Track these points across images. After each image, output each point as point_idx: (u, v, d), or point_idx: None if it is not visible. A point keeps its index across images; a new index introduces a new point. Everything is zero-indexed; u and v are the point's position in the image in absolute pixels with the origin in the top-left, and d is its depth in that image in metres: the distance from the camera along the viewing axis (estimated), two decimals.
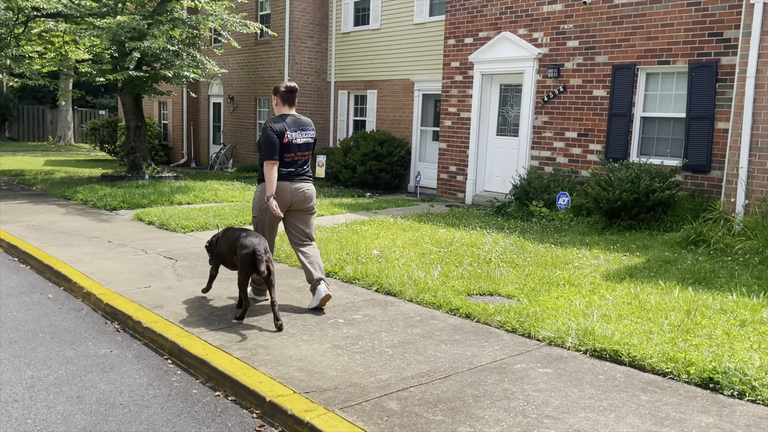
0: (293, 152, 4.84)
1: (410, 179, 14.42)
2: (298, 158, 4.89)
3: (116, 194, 11.39)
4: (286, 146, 4.78)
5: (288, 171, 4.83)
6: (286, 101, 4.92)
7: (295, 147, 4.84)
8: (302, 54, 16.25)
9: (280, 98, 4.92)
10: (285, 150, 4.78)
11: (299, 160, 4.89)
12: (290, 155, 4.83)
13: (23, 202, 11.18)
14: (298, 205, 4.93)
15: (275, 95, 4.95)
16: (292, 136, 4.81)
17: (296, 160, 4.88)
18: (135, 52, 12.69)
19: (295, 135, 4.83)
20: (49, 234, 8.19)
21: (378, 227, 8.44)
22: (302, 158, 4.92)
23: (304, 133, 4.92)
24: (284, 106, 4.92)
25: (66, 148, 28.14)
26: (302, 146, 4.89)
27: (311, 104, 16.53)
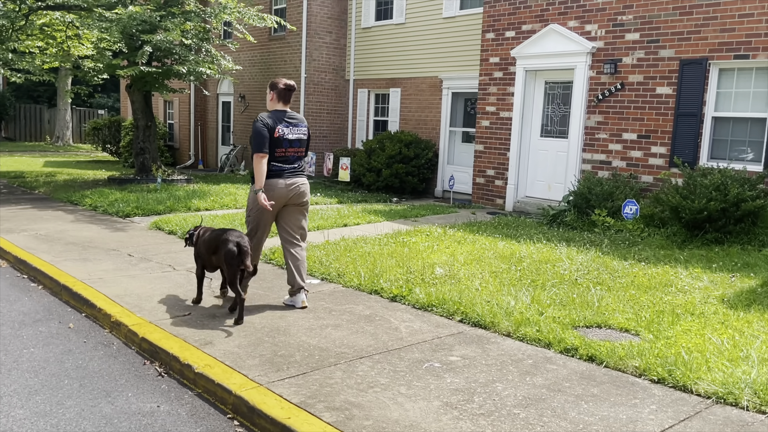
0: (284, 147, 4.81)
1: (437, 183, 13.57)
2: (291, 154, 4.87)
3: (128, 199, 10.48)
4: (277, 141, 4.77)
5: (280, 167, 4.82)
6: (282, 98, 4.90)
7: (286, 142, 4.81)
8: (320, 50, 15.38)
9: (276, 94, 4.89)
10: (276, 145, 4.78)
11: (291, 156, 4.88)
12: (281, 150, 4.81)
13: (27, 208, 10.27)
14: (294, 200, 4.92)
15: (272, 90, 4.91)
16: (283, 131, 4.79)
17: (288, 156, 4.86)
18: (146, 46, 11.80)
19: (286, 130, 4.81)
20: (60, 246, 7.30)
21: (427, 239, 7.58)
22: (294, 155, 4.90)
23: (296, 129, 4.89)
24: (279, 102, 4.90)
25: (65, 149, 27.17)
26: (294, 142, 4.87)
27: (328, 103, 15.67)
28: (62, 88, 29.12)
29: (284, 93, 4.90)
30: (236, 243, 4.54)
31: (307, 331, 4.39)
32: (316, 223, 8.65)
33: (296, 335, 4.30)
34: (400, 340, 4.21)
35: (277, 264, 6.45)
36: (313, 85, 15.36)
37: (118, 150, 20.13)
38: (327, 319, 4.67)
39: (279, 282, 5.79)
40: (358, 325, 4.54)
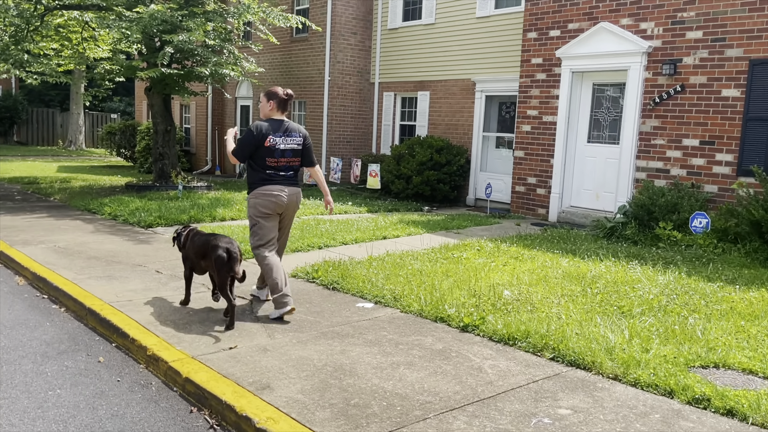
0: (276, 158, 4.81)
1: (469, 191, 12.93)
2: (282, 164, 4.86)
3: (149, 208, 9.92)
4: (268, 151, 4.78)
5: (275, 175, 4.83)
6: (281, 107, 4.90)
7: (278, 152, 4.81)
8: (344, 52, 14.80)
9: (276, 103, 4.88)
10: (267, 155, 4.79)
11: (284, 166, 4.87)
12: (273, 160, 4.81)
13: (43, 216, 9.72)
14: (291, 208, 4.97)
15: (271, 99, 4.88)
16: (275, 141, 4.79)
17: (281, 166, 4.85)
18: (168, 47, 11.25)
19: (278, 140, 4.80)
20: (81, 260, 6.72)
21: (480, 254, 6.95)
22: (287, 164, 4.89)
23: (290, 139, 4.87)
24: (278, 111, 4.90)
25: (77, 153, 26.75)
26: (287, 152, 4.86)
27: (352, 107, 15.09)
28: (75, 92, 28.76)
29: (284, 102, 4.91)
30: (226, 249, 4.54)
31: (377, 370, 3.77)
32: (353, 236, 8.03)
33: (366, 377, 3.67)
34: (490, 385, 3.58)
35: (321, 283, 5.84)
36: (337, 89, 14.79)
37: (133, 155, 19.64)
38: (396, 354, 4.05)
39: (329, 305, 5.18)
40: (433, 363, 3.90)
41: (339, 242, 7.72)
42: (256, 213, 4.87)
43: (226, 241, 4.64)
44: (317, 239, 7.71)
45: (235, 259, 4.54)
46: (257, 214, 4.86)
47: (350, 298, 5.39)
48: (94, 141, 31.10)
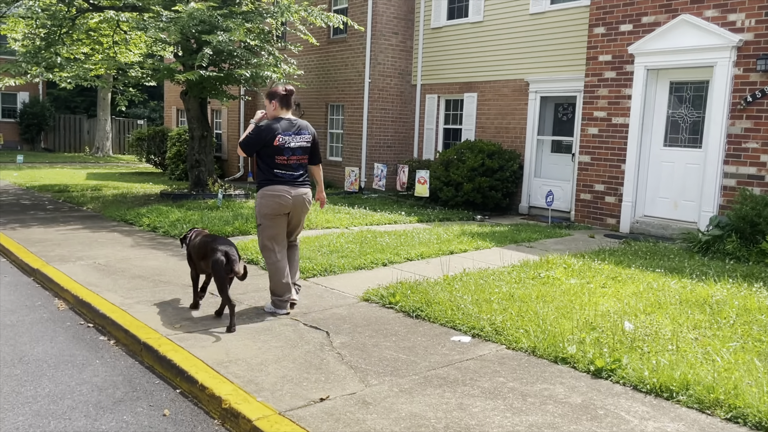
0: (286, 156, 4.81)
1: (522, 198, 12.13)
2: (293, 162, 4.85)
3: (190, 219, 9.29)
4: (278, 149, 4.79)
5: (283, 175, 4.82)
6: (284, 105, 4.90)
7: (288, 150, 4.81)
8: (385, 53, 14.11)
9: (278, 101, 4.87)
10: (277, 153, 4.79)
11: (294, 164, 4.86)
12: (282, 158, 4.81)
13: (77, 228, 9.14)
14: (298, 208, 4.93)
15: (273, 99, 4.88)
16: (284, 140, 4.79)
17: (290, 164, 4.85)
18: (207, 48, 10.64)
19: (287, 138, 4.81)
20: (125, 280, 6.08)
21: (570, 273, 6.16)
22: (297, 162, 4.88)
23: (299, 137, 4.88)
24: (282, 109, 4.90)
25: (105, 160, 26.44)
26: (296, 150, 4.86)
27: (393, 110, 14.38)
28: (102, 98, 28.49)
29: (286, 99, 4.88)
30: (224, 252, 4.57)
31: None
32: (418, 250, 7.29)
33: None
34: None
35: (402, 310, 5.10)
36: (378, 91, 14.09)
37: (163, 162, 19.14)
38: (529, 412, 3.28)
39: (419, 339, 4.44)
40: (582, 425, 3.13)
41: (404, 258, 6.99)
42: (261, 213, 4.87)
43: (225, 243, 4.70)
44: (380, 255, 6.98)
45: (233, 261, 4.59)
46: (262, 215, 4.87)
47: (440, 330, 4.65)
48: (121, 147, 30.85)
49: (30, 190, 14.20)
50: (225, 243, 4.72)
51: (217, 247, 4.62)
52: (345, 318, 4.93)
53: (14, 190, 14.40)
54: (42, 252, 7.39)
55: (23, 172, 18.40)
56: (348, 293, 5.67)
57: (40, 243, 7.94)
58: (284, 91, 4.89)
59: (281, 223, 4.88)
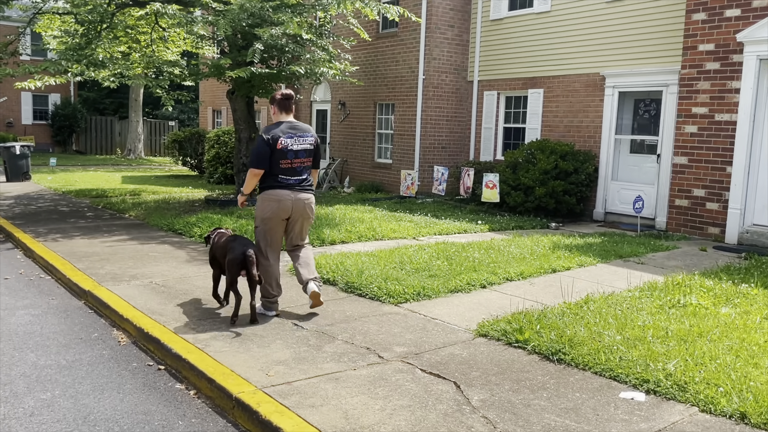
0: (290, 159, 4.76)
1: (597, 203, 11.10)
2: (297, 165, 4.80)
3: (246, 229, 8.47)
4: (281, 153, 4.72)
5: (287, 179, 4.76)
6: (283, 109, 4.88)
7: (291, 153, 4.76)
8: (440, 47, 13.17)
9: (276, 106, 4.88)
10: (281, 157, 4.72)
11: (298, 167, 4.81)
12: (286, 162, 4.75)
13: (124, 240, 8.39)
14: (299, 214, 4.86)
15: (272, 104, 4.91)
16: (286, 143, 4.74)
17: (294, 168, 4.79)
18: (257, 43, 9.84)
19: (290, 141, 4.75)
20: (191, 305, 5.26)
21: (715, 299, 5.17)
22: (301, 165, 4.83)
23: (302, 139, 4.82)
24: (281, 113, 4.89)
25: (137, 162, 25.96)
26: (300, 153, 4.81)
27: (448, 109, 13.44)
28: (134, 99, 28.02)
29: (284, 103, 4.86)
30: (242, 251, 4.64)
31: None
32: (516, 268, 6.34)
33: None
34: None
35: (535, 350, 4.16)
36: (433, 89, 13.17)
37: (200, 164, 18.48)
38: None
39: (578, 396, 3.51)
40: None
41: (502, 278, 6.05)
42: (260, 216, 4.86)
43: (244, 243, 4.73)
44: (474, 274, 6.05)
45: (250, 262, 4.60)
46: (261, 218, 4.86)
47: (598, 381, 3.71)
48: (153, 149, 30.42)
49: (66, 196, 13.58)
50: (244, 242, 4.77)
51: (235, 246, 4.71)
52: (468, 362, 4.02)
53: (50, 195, 13.79)
54: (90, 269, 6.62)
55: (57, 176, 17.88)
56: (456, 325, 4.76)
57: (86, 258, 7.18)
58: (280, 96, 4.89)
59: (279, 227, 4.87)
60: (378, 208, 11.38)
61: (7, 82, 27.10)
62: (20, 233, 8.78)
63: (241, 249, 4.65)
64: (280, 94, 4.88)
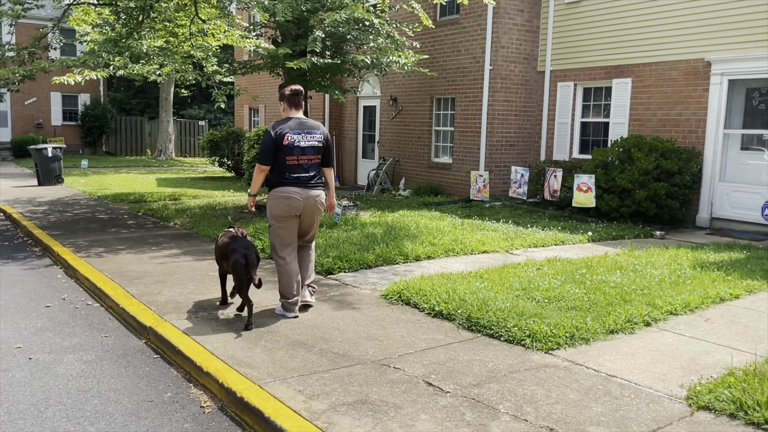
0: (296, 155, 4.68)
1: (701, 208, 9.75)
2: (304, 162, 4.72)
3: (333, 242, 7.33)
4: (287, 149, 4.65)
5: (295, 176, 4.69)
6: (293, 104, 4.80)
7: (298, 150, 4.68)
8: (509, 34, 11.90)
9: (286, 102, 4.81)
10: (287, 153, 4.65)
11: (304, 164, 4.72)
12: (293, 158, 4.68)
13: (175, 254, 7.31)
14: (309, 210, 4.77)
15: (281, 100, 4.85)
16: (293, 139, 4.66)
17: (301, 164, 4.71)
18: (317, 30, 8.70)
19: (297, 137, 4.67)
20: (282, 350, 4.13)
21: None
22: (308, 162, 4.74)
23: (309, 136, 4.73)
24: (291, 109, 4.80)
25: (168, 163, 25.09)
26: (307, 149, 4.72)
27: (517, 102, 12.16)
28: (164, 98, 27.16)
29: (293, 98, 4.79)
30: (243, 255, 4.58)
31: None
32: (677, 298, 5.07)
33: None
34: None
35: None
36: (501, 80, 11.91)
37: (237, 165, 17.43)
38: None
39: None
40: None
41: (665, 311, 4.80)
42: (272, 215, 4.78)
43: (244, 246, 4.67)
44: (629, 307, 4.80)
45: (252, 264, 4.58)
46: (273, 216, 4.77)
47: None
48: (183, 149, 29.58)
49: (103, 201, 12.62)
50: (244, 245, 4.71)
51: (236, 249, 4.64)
52: None
53: (86, 200, 12.85)
54: (146, 294, 5.54)
55: (90, 179, 17.01)
56: (652, 389, 3.54)
57: (139, 279, 6.11)
58: (289, 92, 4.79)
59: (292, 225, 4.78)
60: (446, 214, 10.17)
61: (36, 82, 26.42)
62: (59, 247, 7.77)
63: (242, 252, 4.60)
64: (289, 89, 4.81)
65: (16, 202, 12.31)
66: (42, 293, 6.00)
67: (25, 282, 6.42)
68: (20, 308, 5.51)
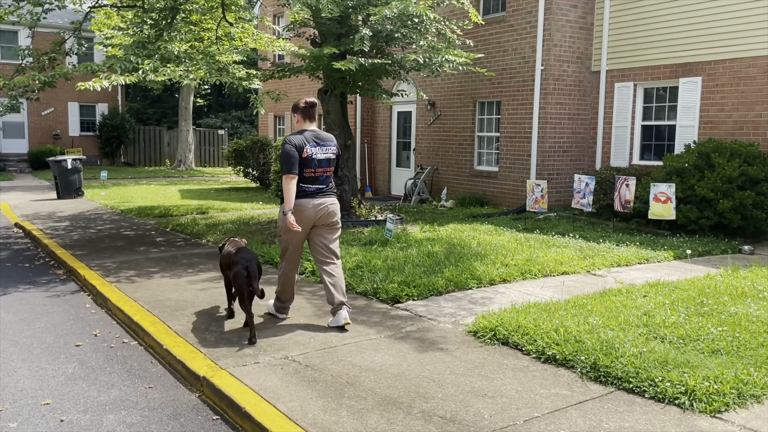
0: (314, 168, 4.68)
1: None
2: (320, 174, 4.74)
3: (372, 264, 6.49)
4: (306, 161, 4.64)
5: (310, 188, 4.70)
6: (307, 117, 4.83)
7: (315, 162, 4.69)
8: (562, 32, 11.04)
9: (300, 114, 4.83)
10: (305, 165, 4.65)
11: (321, 176, 4.75)
12: (311, 171, 4.68)
13: (214, 277, 6.51)
14: (323, 220, 4.78)
15: (295, 112, 4.86)
16: (312, 151, 4.67)
17: (318, 177, 4.73)
18: (364, 28, 7.91)
19: (315, 150, 4.70)
20: (377, 414, 3.26)
21: None
22: (324, 174, 4.77)
23: (325, 148, 4.76)
24: (305, 121, 4.83)
25: (189, 174, 24.44)
26: (323, 162, 4.74)
27: (570, 105, 11.28)
28: (184, 107, 26.55)
29: (307, 111, 4.81)
30: (245, 266, 4.53)
31: None
32: None
33: None
34: None
35: None
36: (553, 81, 11.03)
37: (263, 176, 16.67)
38: None
39: None
40: None
41: None
42: (281, 227, 4.76)
43: (246, 257, 4.60)
44: None
45: (253, 275, 4.52)
46: (282, 228, 4.76)
47: None
48: (202, 159, 28.97)
49: (127, 215, 11.90)
50: (246, 256, 4.64)
51: (238, 260, 4.60)
52: None
53: (108, 214, 12.14)
54: (193, 331, 4.75)
55: (110, 191, 16.35)
56: None
57: (179, 310, 5.31)
58: (304, 104, 4.80)
59: (302, 236, 4.79)
60: (502, 227, 9.30)
61: (54, 91, 25.86)
62: (85, 269, 7.00)
63: (245, 263, 4.55)
64: (303, 102, 4.80)
65: (36, 218, 11.63)
66: (70, 328, 5.22)
67: (50, 313, 5.65)
68: (46, 348, 4.73)
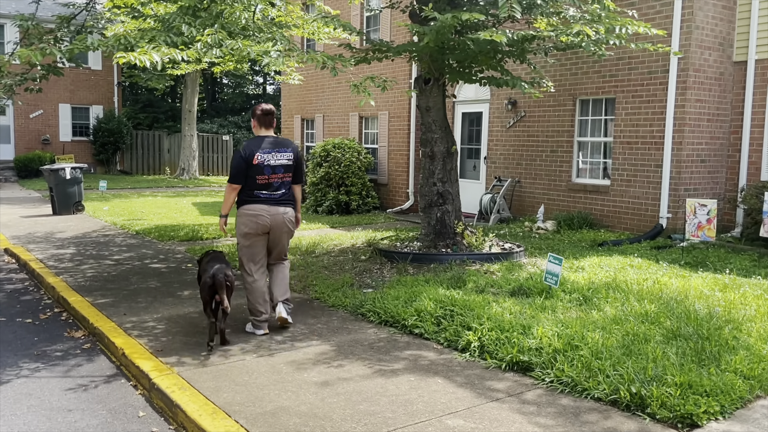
0: (266, 174, 4.68)
1: None
2: (274, 180, 4.72)
3: (584, 337, 4.10)
4: (257, 168, 4.66)
5: (264, 194, 4.70)
6: (263, 124, 4.80)
7: (268, 169, 4.68)
8: (704, 10, 8.79)
9: (257, 121, 4.81)
10: (257, 172, 4.66)
11: (275, 183, 4.72)
12: (263, 177, 4.68)
13: (326, 353, 4.11)
14: (278, 228, 4.75)
15: (252, 118, 4.86)
16: (263, 158, 4.66)
17: (271, 183, 4.71)
18: None
19: (267, 157, 4.67)
20: None
21: None
22: (278, 181, 4.74)
23: (280, 155, 4.73)
24: (261, 128, 4.81)
25: (194, 183, 21.89)
26: (277, 168, 4.72)
27: (710, 102, 8.99)
28: (188, 110, 23.94)
29: (263, 118, 4.77)
30: (212, 275, 4.43)
31: None
32: None
33: None
34: None
35: None
36: (693, 72, 8.76)
37: None
38: None
39: None
40: None
41: None
42: (239, 233, 4.75)
43: (216, 268, 4.46)
44: None
45: (220, 285, 4.38)
46: (241, 234, 4.74)
47: None
48: (205, 167, 26.37)
49: (145, 239, 9.42)
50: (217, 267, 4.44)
51: (207, 269, 4.51)
52: None
53: (121, 237, 9.65)
54: None
55: (113, 205, 13.85)
56: None
57: None
58: (260, 111, 4.75)
59: (260, 242, 4.73)
60: (645, 258, 6.98)
61: (43, 92, 22.93)
62: (119, 335, 4.61)
63: (211, 272, 4.40)
64: (260, 108, 4.76)
65: (31, 241, 9.10)
66: None
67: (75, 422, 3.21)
68: None
